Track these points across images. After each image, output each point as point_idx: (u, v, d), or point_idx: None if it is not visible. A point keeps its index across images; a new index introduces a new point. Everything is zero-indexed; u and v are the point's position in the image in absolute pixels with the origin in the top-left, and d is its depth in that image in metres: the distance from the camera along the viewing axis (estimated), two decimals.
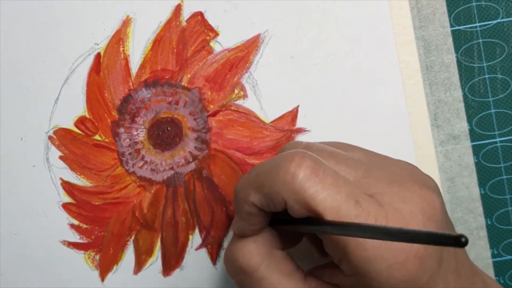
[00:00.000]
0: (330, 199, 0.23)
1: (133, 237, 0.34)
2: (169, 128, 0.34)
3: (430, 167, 0.34)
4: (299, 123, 0.34)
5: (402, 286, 0.23)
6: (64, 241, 0.34)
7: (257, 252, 0.26)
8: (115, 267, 0.35)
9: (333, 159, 0.25)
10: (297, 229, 0.26)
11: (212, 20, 0.34)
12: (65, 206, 0.34)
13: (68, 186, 0.34)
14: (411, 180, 0.25)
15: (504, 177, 0.35)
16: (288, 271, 0.26)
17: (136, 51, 0.34)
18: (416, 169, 0.27)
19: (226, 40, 0.34)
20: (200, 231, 0.34)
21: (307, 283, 0.26)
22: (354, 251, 0.23)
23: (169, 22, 0.34)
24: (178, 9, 0.34)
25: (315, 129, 0.34)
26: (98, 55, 0.34)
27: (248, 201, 0.25)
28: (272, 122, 0.34)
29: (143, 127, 0.34)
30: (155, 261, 0.34)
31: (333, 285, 0.26)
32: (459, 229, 0.35)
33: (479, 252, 0.35)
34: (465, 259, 0.27)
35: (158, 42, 0.34)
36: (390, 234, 0.20)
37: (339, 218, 0.22)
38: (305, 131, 0.34)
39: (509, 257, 0.35)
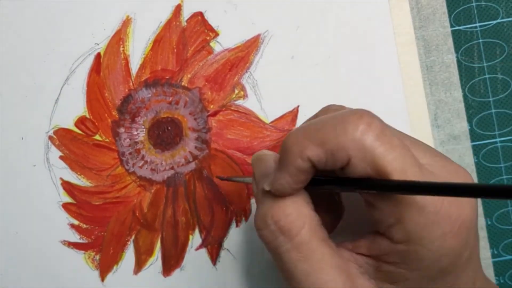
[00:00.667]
0: (399, 161, 0.22)
1: (133, 237, 0.34)
2: (169, 128, 0.34)
3: None
4: (299, 123, 0.34)
5: (450, 256, 0.23)
6: (64, 241, 0.34)
7: (298, 215, 0.24)
8: (115, 267, 0.35)
9: (387, 126, 0.25)
10: (345, 190, 0.25)
11: (212, 20, 0.34)
12: (65, 206, 0.34)
13: (68, 186, 0.34)
14: (448, 158, 0.26)
15: (504, 177, 0.35)
16: (324, 237, 0.25)
17: (136, 51, 0.34)
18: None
19: (226, 40, 0.34)
20: (200, 231, 0.34)
21: (340, 252, 0.25)
22: (413, 215, 0.22)
23: (169, 22, 0.34)
24: (178, 9, 0.34)
25: None
26: (98, 55, 0.34)
27: (304, 155, 0.23)
28: (272, 122, 0.34)
29: (143, 127, 0.34)
30: (155, 261, 0.34)
31: (368, 256, 0.25)
32: None
33: (479, 252, 0.35)
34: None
35: (158, 42, 0.34)
36: (460, 191, 0.20)
37: (405, 178, 0.22)
38: None
39: (509, 257, 0.35)
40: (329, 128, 0.23)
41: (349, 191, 0.24)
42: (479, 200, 0.35)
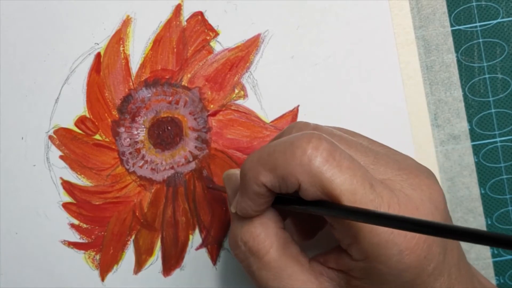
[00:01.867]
0: (347, 183, 0.22)
1: (133, 236, 0.34)
2: (169, 128, 0.34)
3: (430, 167, 0.34)
4: None
5: (411, 272, 0.23)
6: (64, 241, 0.34)
7: (266, 235, 0.25)
8: (115, 267, 0.35)
9: (344, 143, 0.25)
10: (305, 210, 0.25)
11: (212, 20, 0.34)
12: (65, 205, 0.34)
13: (68, 186, 0.34)
14: (417, 169, 0.25)
15: (504, 177, 0.35)
16: (295, 253, 0.26)
17: (136, 51, 0.34)
18: (416, 162, 0.27)
19: (226, 40, 0.34)
20: (200, 231, 0.34)
21: (312, 267, 0.26)
22: (366, 236, 0.23)
23: (169, 22, 0.34)
24: (178, 9, 0.34)
25: None
26: (98, 55, 0.34)
27: (258, 181, 0.24)
28: (272, 121, 0.34)
29: (143, 126, 0.34)
30: (155, 261, 0.34)
31: (338, 270, 0.26)
32: None
33: (479, 251, 0.35)
34: (464, 257, 0.27)
35: (158, 42, 0.34)
36: (418, 225, 0.20)
37: (355, 202, 0.22)
38: None
39: (509, 256, 0.35)
40: (278, 153, 0.23)
41: (308, 212, 0.25)
42: (479, 200, 0.35)
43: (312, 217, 0.29)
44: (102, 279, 0.35)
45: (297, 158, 0.23)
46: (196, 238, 0.34)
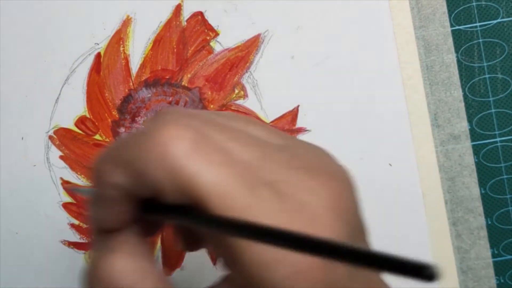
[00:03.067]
0: (217, 182, 0.17)
1: None
2: None
3: (430, 167, 0.34)
4: (299, 123, 0.34)
5: None
6: (65, 241, 0.34)
7: (131, 270, 0.19)
8: None
9: (225, 134, 0.19)
10: (172, 220, 0.20)
11: (212, 20, 0.34)
12: (66, 205, 0.34)
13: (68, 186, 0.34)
14: (321, 168, 0.20)
15: (505, 176, 0.35)
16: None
17: (136, 51, 0.34)
18: (328, 157, 0.21)
19: (226, 40, 0.34)
20: None
21: None
22: (246, 251, 0.17)
23: (169, 22, 0.34)
24: (178, 9, 0.34)
25: (315, 129, 0.34)
26: (98, 55, 0.34)
27: (109, 181, 0.19)
28: (272, 121, 0.34)
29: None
30: (155, 261, 0.34)
31: None
32: (459, 229, 0.35)
33: (479, 252, 0.35)
34: (377, 276, 0.21)
35: (158, 42, 0.34)
36: (303, 244, 0.15)
37: (226, 206, 0.17)
38: (305, 130, 0.34)
39: (509, 256, 0.35)
40: (130, 145, 0.18)
41: (177, 222, 0.20)
42: (480, 200, 0.35)
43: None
44: None
45: (151, 149, 0.18)
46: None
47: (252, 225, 0.16)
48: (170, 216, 0.19)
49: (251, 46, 0.34)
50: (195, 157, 0.18)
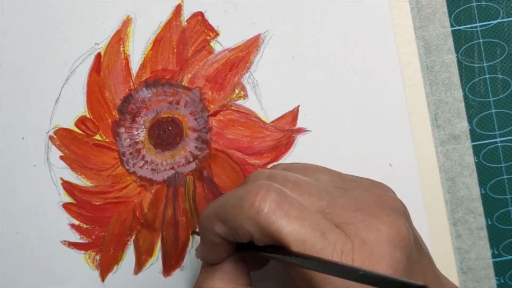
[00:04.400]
0: (296, 233, 0.22)
1: (133, 237, 0.34)
2: (169, 128, 0.34)
3: (430, 167, 0.34)
4: (300, 123, 0.34)
5: None
6: (65, 241, 0.34)
7: None
8: (115, 267, 0.35)
9: (297, 189, 0.25)
10: (264, 256, 0.25)
11: (212, 20, 0.34)
12: (66, 206, 0.34)
13: (68, 186, 0.34)
14: (376, 205, 0.25)
15: (505, 177, 0.35)
16: None
17: (137, 51, 0.34)
18: (382, 192, 0.26)
19: (226, 40, 0.34)
20: None
21: None
22: (320, 283, 0.22)
23: (169, 22, 0.34)
24: (178, 9, 0.34)
25: (315, 129, 0.34)
26: (99, 55, 0.34)
27: (213, 231, 0.25)
28: (272, 122, 0.34)
29: (143, 127, 0.34)
30: (156, 261, 0.34)
31: None
32: (459, 229, 0.35)
33: (480, 252, 0.35)
34: (433, 271, 0.26)
35: (158, 42, 0.34)
36: (350, 274, 0.20)
37: (305, 250, 0.22)
38: (306, 131, 0.34)
39: (509, 257, 0.35)
40: (229, 206, 0.24)
41: (269, 258, 0.25)
42: (480, 200, 0.35)
43: None
44: (102, 280, 0.35)
45: (245, 211, 0.23)
46: (196, 239, 0.34)
47: (319, 259, 0.22)
48: (262, 254, 0.24)
49: (251, 46, 0.34)
50: (278, 214, 0.23)
